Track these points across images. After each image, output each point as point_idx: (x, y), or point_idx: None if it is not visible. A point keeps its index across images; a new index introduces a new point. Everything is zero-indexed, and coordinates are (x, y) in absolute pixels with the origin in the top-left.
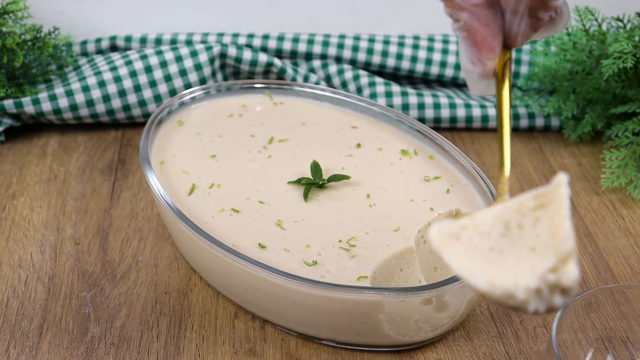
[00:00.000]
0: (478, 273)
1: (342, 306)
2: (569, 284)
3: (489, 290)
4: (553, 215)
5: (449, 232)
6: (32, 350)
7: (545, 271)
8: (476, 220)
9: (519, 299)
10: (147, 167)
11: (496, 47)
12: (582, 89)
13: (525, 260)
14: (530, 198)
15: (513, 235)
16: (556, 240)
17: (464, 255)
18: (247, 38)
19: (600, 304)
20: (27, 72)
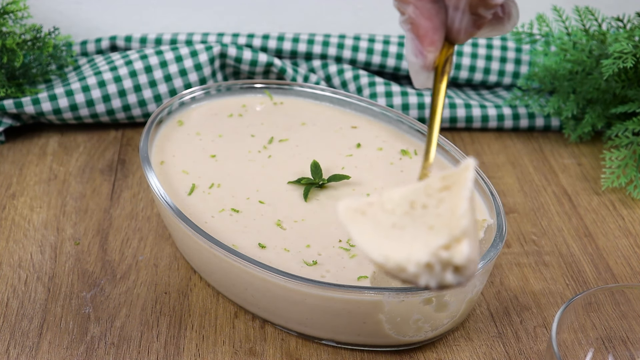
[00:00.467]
0: (376, 246)
1: (342, 306)
2: (460, 262)
3: (383, 262)
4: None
5: (355, 207)
6: (32, 350)
7: (437, 248)
8: (383, 198)
9: (410, 272)
10: (147, 167)
11: (437, 41)
12: (582, 89)
13: (422, 237)
14: (437, 179)
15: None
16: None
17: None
18: (247, 38)
19: (600, 303)
20: (27, 72)
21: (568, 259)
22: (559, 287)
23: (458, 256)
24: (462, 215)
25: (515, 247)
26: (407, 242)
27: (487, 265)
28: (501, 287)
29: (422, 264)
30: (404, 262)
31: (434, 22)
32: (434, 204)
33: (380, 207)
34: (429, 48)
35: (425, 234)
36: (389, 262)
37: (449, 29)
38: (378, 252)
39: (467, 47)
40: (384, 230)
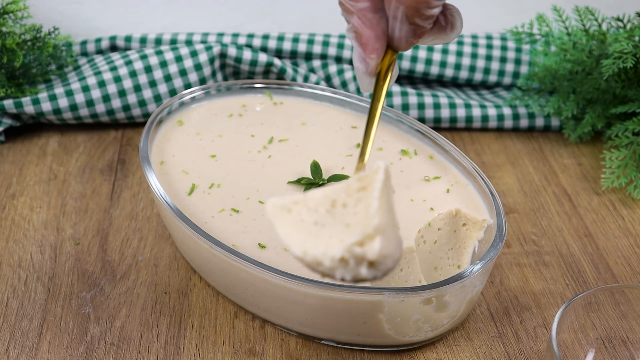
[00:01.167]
0: (297, 241)
1: (342, 306)
2: (372, 258)
3: (301, 256)
4: (370, 196)
5: (282, 204)
6: (32, 350)
7: (350, 244)
8: (308, 197)
9: (326, 265)
10: (147, 167)
11: (379, 49)
12: (582, 89)
13: (339, 234)
14: (355, 180)
15: (337, 212)
16: (367, 218)
17: (291, 225)
18: (247, 38)
19: (600, 304)
20: (27, 72)
21: (568, 259)
22: (559, 287)
23: (370, 252)
24: (373, 214)
25: (515, 247)
26: (325, 238)
27: (487, 265)
28: (501, 287)
29: (336, 258)
30: (320, 257)
31: (375, 31)
32: (352, 203)
33: (305, 206)
34: (371, 55)
35: (342, 231)
36: (307, 257)
37: (391, 38)
38: (298, 247)
39: (467, 47)
40: (307, 226)
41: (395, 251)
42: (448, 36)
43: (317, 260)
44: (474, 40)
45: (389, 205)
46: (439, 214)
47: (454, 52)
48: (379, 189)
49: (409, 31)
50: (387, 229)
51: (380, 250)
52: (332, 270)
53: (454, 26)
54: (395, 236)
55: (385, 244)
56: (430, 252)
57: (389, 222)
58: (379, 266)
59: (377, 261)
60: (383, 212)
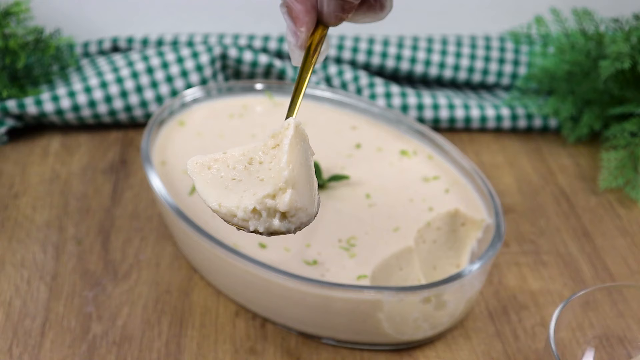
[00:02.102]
0: (214, 195)
1: (342, 305)
2: (283, 209)
3: (216, 208)
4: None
5: (202, 162)
6: (35, 349)
7: (262, 196)
8: (227, 155)
9: (239, 217)
10: (149, 167)
11: (308, 22)
12: (580, 90)
13: (253, 188)
14: (269, 137)
15: (253, 169)
16: (278, 173)
17: (210, 182)
18: (248, 39)
19: (598, 302)
20: (29, 73)
21: (566, 258)
22: (557, 286)
23: (281, 204)
24: (282, 167)
25: (513, 246)
26: (240, 192)
27: (486, 264)
28: (500, 287)
29: (249, 210)
30: (234, 209)
31: (305, 5)
32: (268, 160)
33: (224, 163)
34: (301, 29)
35: (256, 185)
36: (222, 209)
37: (320, 13)
38: (214, 200)
39: (466, 48)
40: (224, 182)
41: (309, 206)
42: (378, 15)
43: (231, 212)
44: (472, 41)
45: (303, 161)
46: (438, 214)
47: (452, 53)
48: (287, 144)
49: (337, 6)
50: (299, 182)
51: (290, 202)
52: (246, 222)
53: (384, 6)
54: (310, 192)
55: (296, 196)
56: (429, 251)
57: (302, 177)
58: (292, 218)
59: (289, 212)
60: (295, 167)
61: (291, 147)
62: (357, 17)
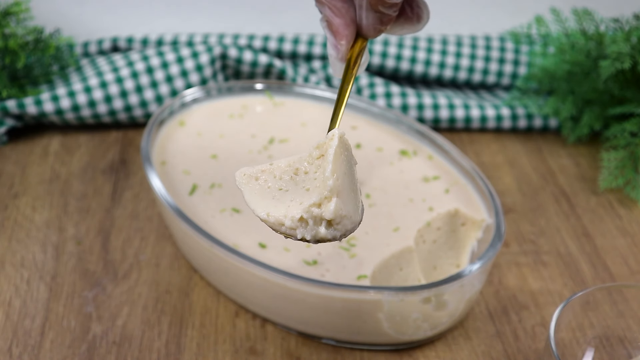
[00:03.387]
0: (262, 205)
1: (342, 305)
2: (329, 217)
3: (265, 218)
4: (325, 163)
5: (250, 173)
6: (35, 349)
7: (308, 205)
8: (274, 166)
9: (287, 225)
10: (149, 167)
11: (348, 35)
12: (580, 90)
13: (299, 197)
14: (314, 148)
15: (299, 179)
16: (323, 182)
17: (258, 192)
18: (248, 39)
19: (598, 302)
20: (29, 73)
21: (566, 258)
22: (557, 286)
23: (326, 212)
24: (327, 177)
25: (513, 246)
26: (287, 202)
27: (486, 264)
28: (500, 287)
29: (296, 218)
30: (282, 218)
31: (344, 19)
32: (313, 170)
33: (271, 174)
34: (341, 42)
35: (303, 194)
36: (270, 218)
37: (359, 26)
38: (262, 210)
39: (466, 48)
40: (272, 192)
41: (354, 214)
42: (415, 27)
43: (279, 221)
44: (472, 41)
45: (347, 170)
46: (438, 214)
47: (452, 53)
48: (332, 154)
49: (375, 19)
50: (343, 191)
51: (335, 210)
52: (293, 230)
53: (421, 17)
54: (354, 200)
55: (341, 205)
56: (429, 251)
57: (346, 186)
58: (337, 226)
59: (334, 220)
60: (339, 176)
61: (335, 157)
62: (395, 29)
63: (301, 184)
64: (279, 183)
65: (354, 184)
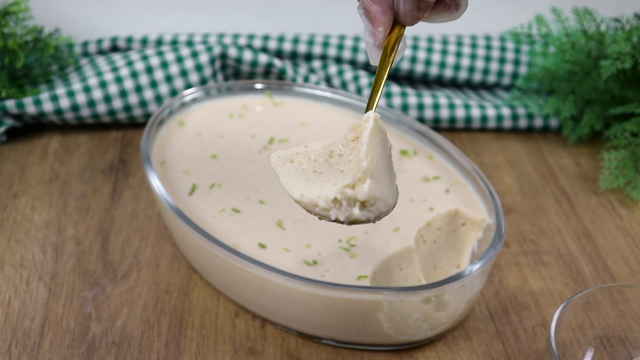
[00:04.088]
0: (296, 186)
1: (342, 305)
2: (363, 198)
3: (299, 199)
4: (360, 145)
5: (284, 156)
6: (34, 350)
7: (342, 186)
8: (308, 149)
9: (321, 206)
10: (148, 167)
11: (385, 22)
12: (580, 90)
13: (333, 179)
14: (349, 131)
15: (333, 161)
16: (357, 164)
17: (292, 174)
18: (248, 39)
19: (599, 303)
20: (28, 73)
21: (567, 258)
22: (557, 287)
23: (360, 193)
24: (362, 158)
25: (514, 246)
26: (321, 183)
27: (486, 264)
28: (500, 287)
29: (330, 199)
30: (316, 199)
31: (382, 5)
32: (347, 152)
33: (305, 156)
34: (379, 28)
35: (337, 176)
36: (304, 199)
37: (397, 13)
38: (296, 191)
39: (467, 48)
40: (306, 174)
41: (388, 196)
42: (453, 14)
43: (313, 202)
44: (473, 41)
45: (382, 153)
46: (438, 214)
47: (453, 53)
48: (367, 136)
49: (413, 6)
50: (378, 173)
51: (369, 192)
52: (327, 211)
53: (459, 5)
54: (389, 183)
55: (375, 186)
56: (429, 251)
57: (380, 168)
58: (371, 207)
59: (368, 202)
60: (373, 158)
61: (370, 138)
62: (433, 16)
63: (335, 166)
64: (313, 165)
65: (389, 167)
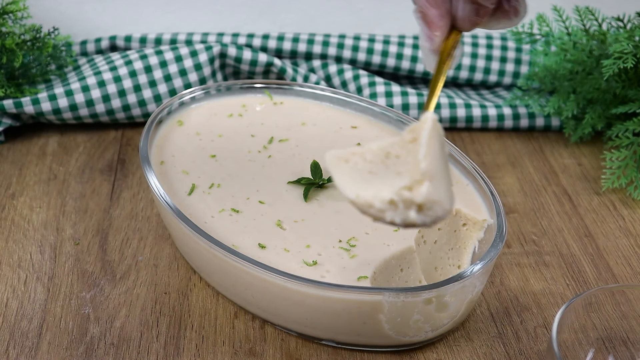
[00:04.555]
0: (351, 186)
1: (342, 306)
2: (419, 200)
3: (354, 199)
4: (418, 146)
5: (340, 155)
6: (32, 351)
7: (400, 188)
8: (364, 149)
9: (376, 207)
10: (147, 167)
11: (443, 26)
12: (582, 89)
13: (390, 180)
14: (407, 132)
15: (390, 162)
16: (415, 165)
17: (347, 174)
18: (247, 38)
19: (601, 304)
20: (26, 72)
21: (568, 259)
22: (559, 287)
23: (418, 195)
24: (420, 159)
25: (515, 247)
26: (377, 184)
27: (487, 265)
28: (501, 288)
29: (386, 200)
30: (371, 199)
31: (440, 10)
32: (404, 154)
33: (361, 157)
34: (436, 32)
35: (393, 177)
36: (359, 199)
37: (454, 17)
38: (351, 191)
39: (468, 48)
40: (362, 175)
41: (445, 200)
42: (512, 21)
43: (368, 203)
44: (474, 40)
45: (440, 156)
46: None
47: None
48: (426, 137)
49: (472, 10)
50: (436, 176)
51: (427, 194)
52: (382, 213)
53: (518, 12)
54: (446, 187)
55: (432, 189)
56: (430, 252)
57: (439, 170)
58: (427, 211)
59: (425, 205)
60: (432, 160)
61: (429, 140)
62: (491, 22)
63: (392, 167)
64: (369, 166)
65: (446, 170)
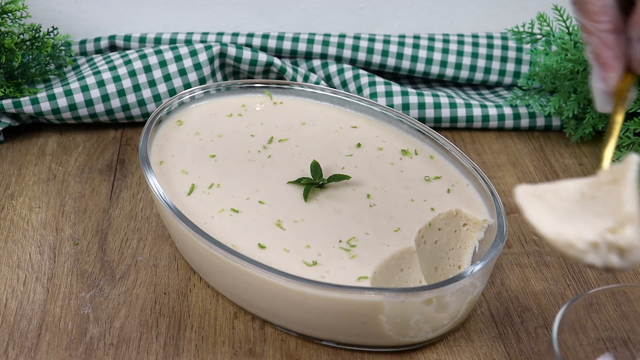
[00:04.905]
0: (548, 224)
1: (342, 307)
2: (624, 244)
3: (554, 237)
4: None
5: (531, 191)
6: (31, 351)
7: (604, 229)
8: (558, 186)
9: (578, 248)
10: (147, 167)
11: (618, 68)
12: (583, 89)
13: (590, 221)
14: (605, 173)
15: (586, 202)
16: (619, 208)
17: (540, 211)
18: (247, 37)
19: (602, 304)
20: (25, 72)
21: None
22: (559, 288)
23: (622, 239)
24: (625, 201)
25: (516, 247)
26: (576, 224)
27: (488, 265)
28: (502, 288)
29: (589, 241)
30: (573, 239)
31: (615, 51)
32: (602, 195)
33: (555, 194)
34: (611, 74)
35: (593, 218)
36: (560, 238)
37: (630, 59)
38: (550, 228)
39: (468, 47)
40: (556, 212)
41: None
42: None
43: (569, 243)
44: (474, 39)
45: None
46: (439, 214)
47: (454, 52)
48: (632, 179)
49: None
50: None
51: (633, 238)
52: (583, 254)
53: None
54: None
55: (638, 233)
56: (430, 252)
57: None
58: (629, 256)
59: (628, 250)
60: (636, 203)
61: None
62: None
63: (589, 207)
64: (563, 204)
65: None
